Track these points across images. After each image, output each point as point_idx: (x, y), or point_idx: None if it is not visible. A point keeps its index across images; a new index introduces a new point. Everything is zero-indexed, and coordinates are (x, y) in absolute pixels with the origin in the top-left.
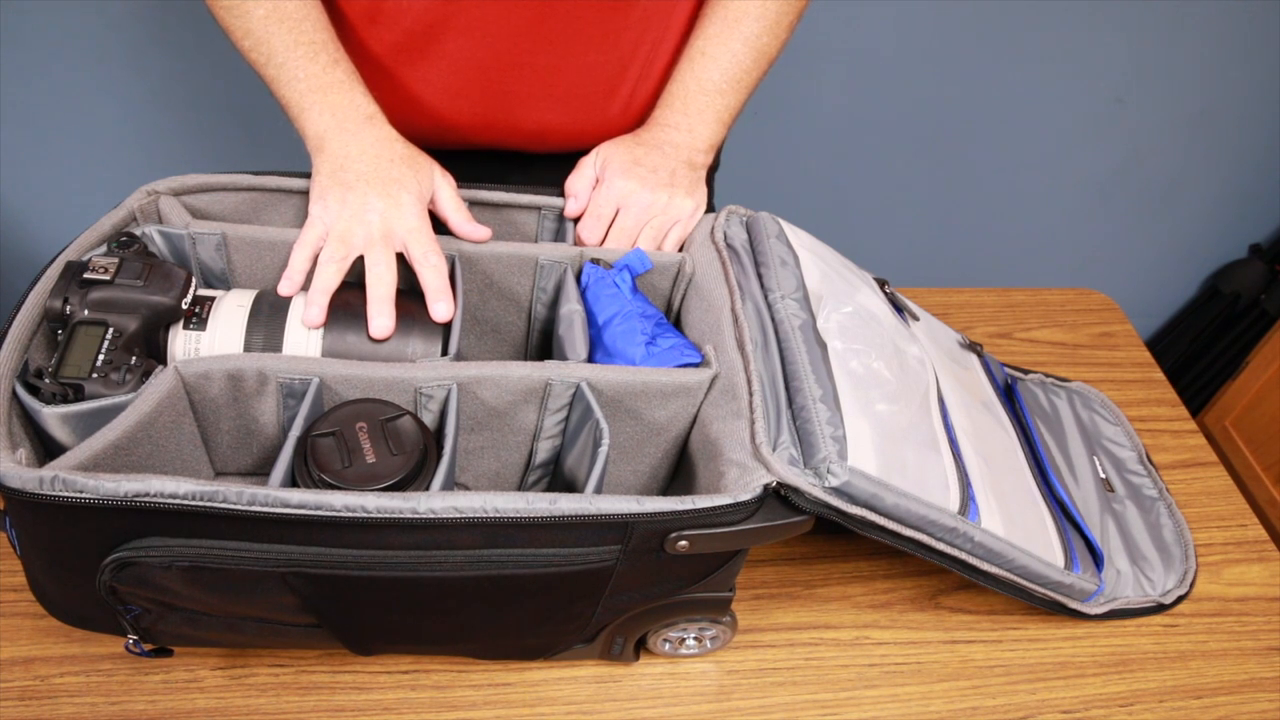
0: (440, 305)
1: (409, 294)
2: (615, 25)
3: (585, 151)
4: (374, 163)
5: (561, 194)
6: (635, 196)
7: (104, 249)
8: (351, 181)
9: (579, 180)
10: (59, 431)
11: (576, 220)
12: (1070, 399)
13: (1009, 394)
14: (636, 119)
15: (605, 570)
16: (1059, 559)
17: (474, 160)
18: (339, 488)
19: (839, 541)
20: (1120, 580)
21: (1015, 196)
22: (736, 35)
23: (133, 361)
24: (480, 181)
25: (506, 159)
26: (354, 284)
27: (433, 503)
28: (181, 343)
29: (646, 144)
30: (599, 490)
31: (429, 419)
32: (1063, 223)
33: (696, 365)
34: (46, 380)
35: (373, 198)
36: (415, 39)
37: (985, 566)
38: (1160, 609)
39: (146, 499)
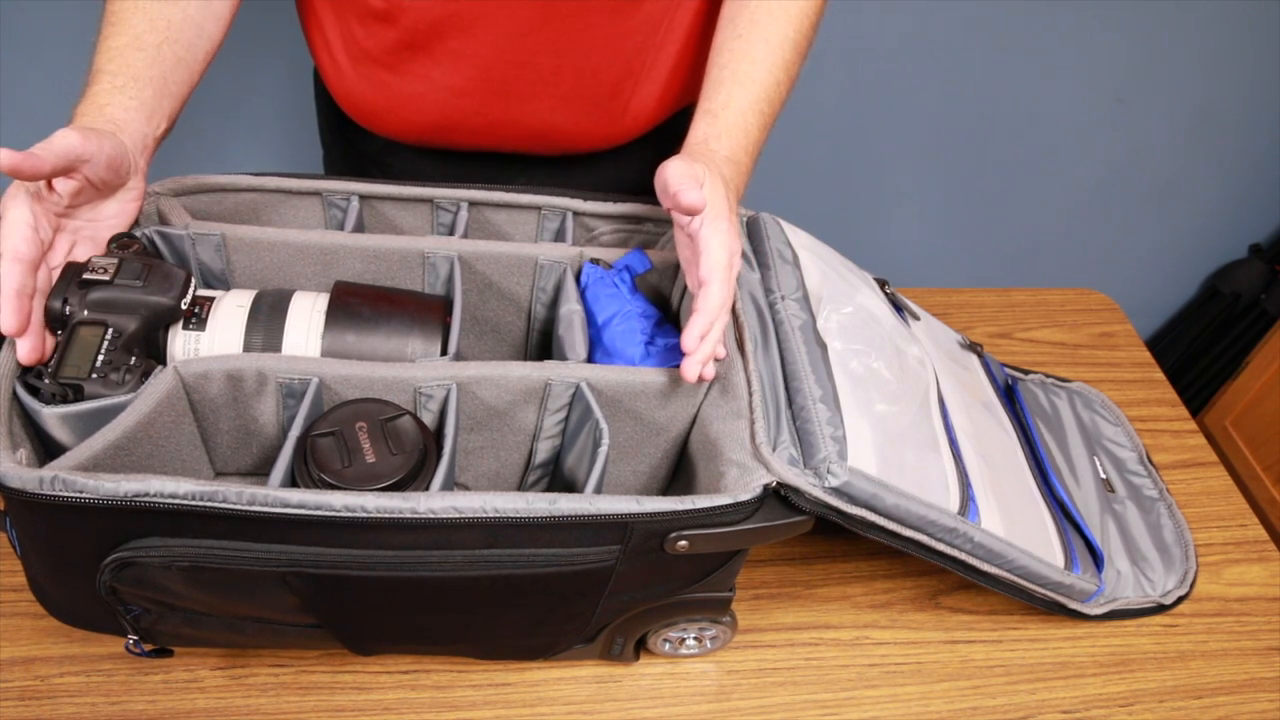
0: None
1: (408, 293)
2: (619, 28)
3: (588, 153)
4: None
5: (563, 194)
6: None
7: (103, 248)
8: None
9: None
10: (59, 432)
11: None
12: (1070, 399)
13: (1009, 394)
14: (639, 121)
15: (605, 570)
16: (1059, 559)
17: (477, 162)
18: (339, 487)
19: (839, 541)
20: (1120, 581)
21: (1015, 196)
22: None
23: (132, 362)
24: (483, 184)
25: (509, 161)
26: (354, 284)
27: (432, 503)
28: (181, 343)
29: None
30: (599, 490)
31: (428, 419)
32: (1063, 223)
33: None
34: (46, 380)
35: None
36: (418, 37)
37: (985, 567)
38: (1160, 609)
39: (146, 499)
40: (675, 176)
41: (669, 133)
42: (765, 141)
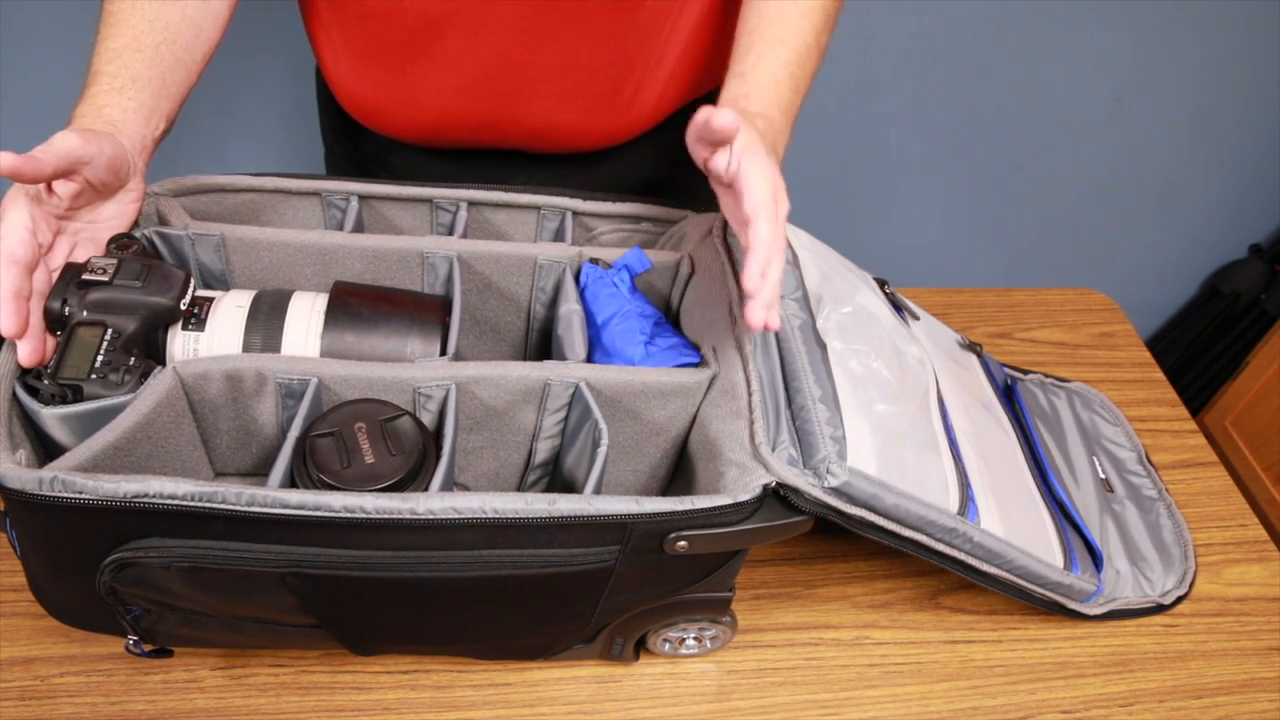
0: None
1: (407, 293)
2: (620, 25)
3: (589, 152)
4: None
5: (562, 194)
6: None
7: (103, 250)
8: None
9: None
10: (58, 432)
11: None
12: (1070, 399)
13: (1009, 394)
14: (640, 118)
15: (604, 571)
16: (1058, 559)
17: (478, 160)
18: (338, 488)
19: (839, 541)
20: (1119, 581)
21: (1015, 196)
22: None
23: (131, 362)
24: (484, 182)
25: (510, 158)
26: (353, 284)
27: (431, 503)
28: (180, 343)
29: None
30: (598, 491)
31: (428, 419)
32: (1063, 223)
33: (695, 365)
34: (45, 381)
35: None
36: (418, 36)
37: (984, 567)
38: (1160, 609)
39: (146, 499)
40: (704, 110)
41: (671, 130)
42: (799, 107)
